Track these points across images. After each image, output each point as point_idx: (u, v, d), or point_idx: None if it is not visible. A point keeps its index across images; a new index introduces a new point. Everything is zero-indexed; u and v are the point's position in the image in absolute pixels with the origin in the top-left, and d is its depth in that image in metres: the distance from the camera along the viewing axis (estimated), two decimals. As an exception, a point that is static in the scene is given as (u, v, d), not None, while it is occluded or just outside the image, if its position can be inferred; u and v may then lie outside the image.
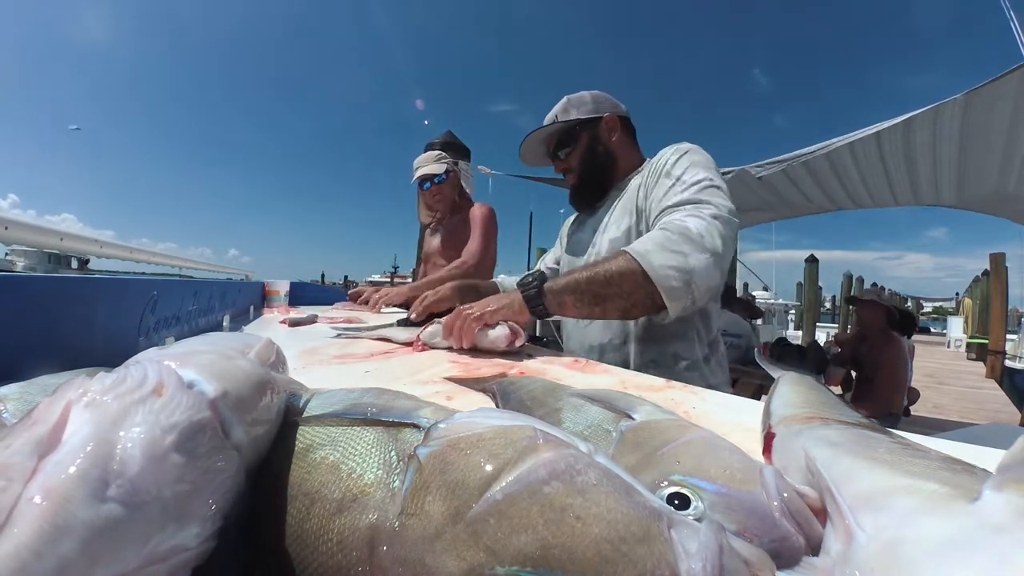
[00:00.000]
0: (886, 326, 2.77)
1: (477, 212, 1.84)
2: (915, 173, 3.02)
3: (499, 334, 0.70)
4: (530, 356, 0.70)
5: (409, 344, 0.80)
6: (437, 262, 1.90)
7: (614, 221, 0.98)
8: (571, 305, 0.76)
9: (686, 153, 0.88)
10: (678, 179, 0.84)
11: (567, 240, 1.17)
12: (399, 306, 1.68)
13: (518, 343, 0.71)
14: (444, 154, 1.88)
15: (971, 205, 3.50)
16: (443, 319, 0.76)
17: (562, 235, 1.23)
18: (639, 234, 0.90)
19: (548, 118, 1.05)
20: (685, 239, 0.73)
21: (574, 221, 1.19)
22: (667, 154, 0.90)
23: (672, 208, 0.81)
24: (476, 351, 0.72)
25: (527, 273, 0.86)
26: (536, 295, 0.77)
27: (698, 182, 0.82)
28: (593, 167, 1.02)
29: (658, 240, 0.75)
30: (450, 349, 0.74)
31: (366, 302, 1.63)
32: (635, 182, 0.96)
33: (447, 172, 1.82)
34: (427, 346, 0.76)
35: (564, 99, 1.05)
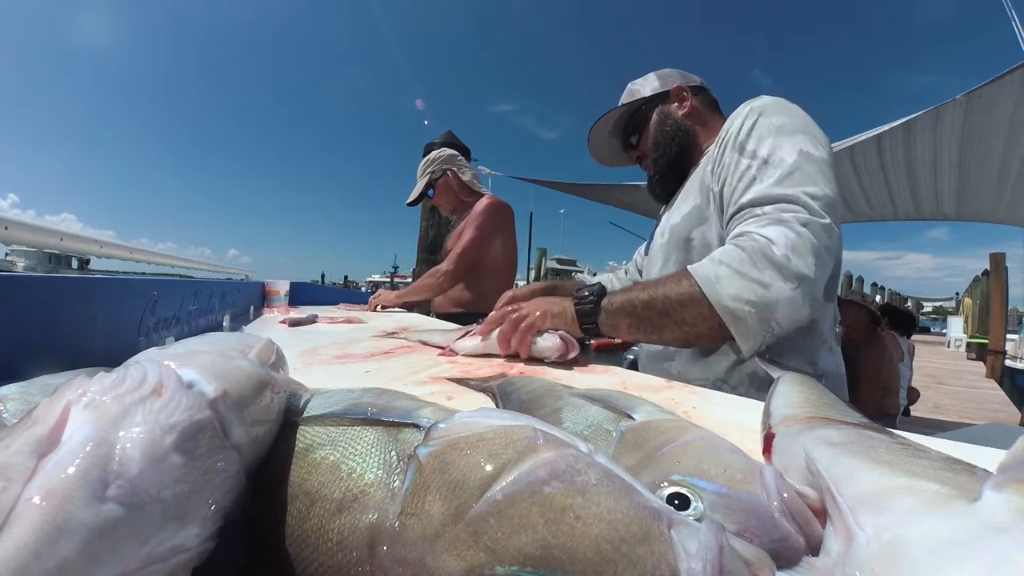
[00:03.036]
0: (871, 326, 2.75)
1: (474, 209, 1.77)
2: (915, 180, 3.03)
3: (548, 344, 0.63)
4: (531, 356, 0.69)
5: (441, 347, 0.75)
6: None
7: (678, 204, 0.84)
8: (626, 329, 0.65)
9: (762, 115, 0.68)
10: (754, 156, 0.65)
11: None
12: (401, 307, 1.75)
13: (571, 354, 0.63)
14: (430, 164, 1.81)
15: (971, 215, 3.51)
16: (478, 328, 0.72)
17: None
18: (703, 219, 0.76)
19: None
20: (766, 262, 0.57)
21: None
22: (739, 116, 0.71)
23: (748, 208, 0.64)
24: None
25: (584, 285, 0.75)
26: (590, 311, 0.66)
27: (781, 162, 0.63)
28: (665, 147, 0.87)
29: (731, 263, 0.59)
30: (482, 356, 0.69)
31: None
32: (709, 154, 0.80)
33: (433, 184, 1.80)
34: (454, 352, 0.71)
35: (628, 85, 0.94)
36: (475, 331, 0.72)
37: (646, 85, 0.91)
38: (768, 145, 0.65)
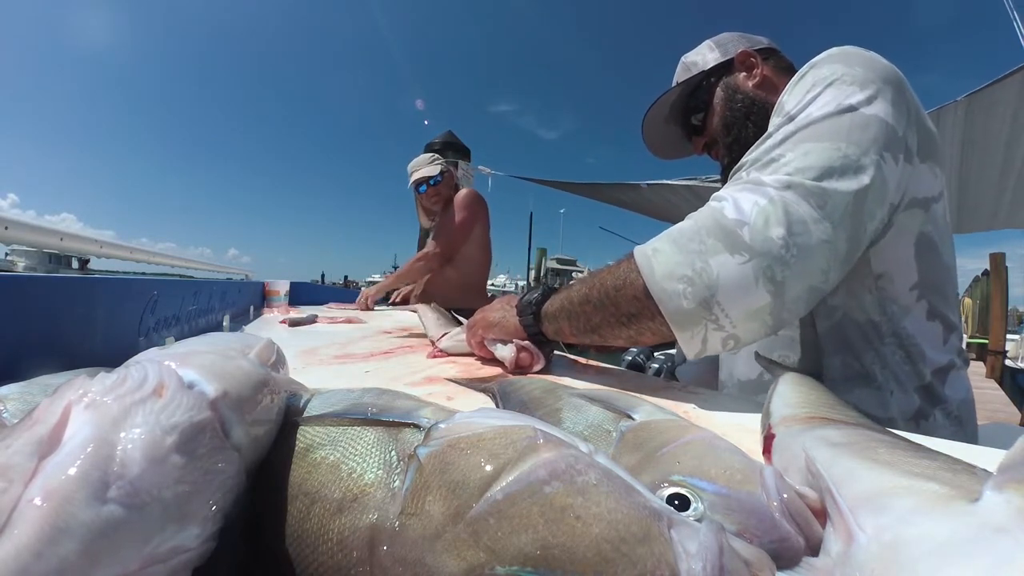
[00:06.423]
0: None
1: (457, 197, 1.83)
2: None
3: (503, 355, 0.58)
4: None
5: (433, 342, 0.77)
6: None
7: None
8: (569, 332, 0.56)
9: (815, 67, 0.53)
10: (786, 115, 0.51)
11: None
12: (397, 302, 1.77)
13: (536, 366, 0.57)
14: (438, 156, 1.87)
15: (970, 226, 3.50)
16: (462, 327, 0.72)
17: None
18: None
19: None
20: (715, 229, 0.45)
21: None
22: (796, 75, 0.56)
23: (737, 172, 0.52)
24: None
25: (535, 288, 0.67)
26: (531, 323, 0.58)
27: (806, 117, 0.49)
28: (739, 129, 0.69)
29: (674, 233, 0.48)
30: (468, 355, 0.70)
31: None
32: None
33: (442, 173, 1.82)
34: (443, 352, 0.72)
35: (681, 59, 0.78)
36: (456, 331, 0.74)
37: (703, 56, 0.74)
38: (805, 100, 0.50)
